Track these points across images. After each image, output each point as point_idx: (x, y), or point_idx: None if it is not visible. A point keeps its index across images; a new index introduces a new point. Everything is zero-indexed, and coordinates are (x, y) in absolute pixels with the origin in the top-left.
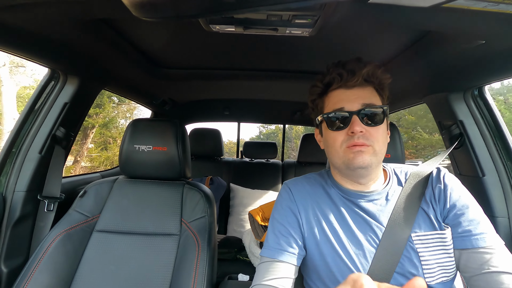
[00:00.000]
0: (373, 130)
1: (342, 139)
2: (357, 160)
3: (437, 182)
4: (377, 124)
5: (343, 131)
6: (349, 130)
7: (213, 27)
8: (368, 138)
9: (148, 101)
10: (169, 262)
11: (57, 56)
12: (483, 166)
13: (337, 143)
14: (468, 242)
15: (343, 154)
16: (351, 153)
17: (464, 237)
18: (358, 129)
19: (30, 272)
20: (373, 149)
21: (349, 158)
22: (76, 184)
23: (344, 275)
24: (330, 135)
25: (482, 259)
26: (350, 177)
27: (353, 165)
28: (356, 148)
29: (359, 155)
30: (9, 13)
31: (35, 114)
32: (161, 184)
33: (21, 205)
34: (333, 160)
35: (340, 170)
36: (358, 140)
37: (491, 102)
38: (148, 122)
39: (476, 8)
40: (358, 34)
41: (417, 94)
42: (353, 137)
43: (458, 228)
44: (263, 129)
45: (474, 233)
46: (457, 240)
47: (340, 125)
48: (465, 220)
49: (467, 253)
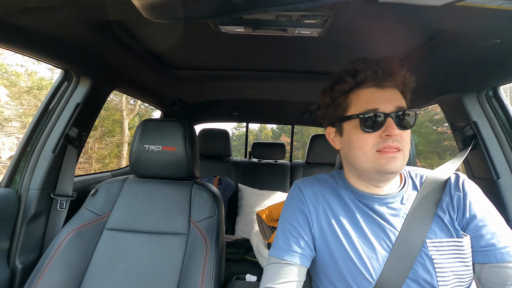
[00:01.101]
0: (404, 134)
1: (374, 141)
2: (390, 166)
3: (456, 189)
4: (407, 127)
5: (375, 134)
6: (383, 132)
7: (222, 28)
8: (401, 142)
9: (158, 101)
10: (178, 261)
11: (71, 58)
12: (498, 168)
13: (367, 146)
14: (493, 257)
15: (373, 158)
16: (383, 158)
17: (488, 251)
18: (395, 132)
19: (43, 268)
20: (403, 153)
21: (380, 163)
22: (88, 183)
23: (355, 278)
24: (358, 136)
25: (506, 274)
26: (372, 180)
27: (385, 170)
28: (390, 153)
29: (392, 161)
30: (23, 15)
31: (49, 114)
32: (170, 184)
33: (35, 203)
34: (357, 162)
35: (365, 173)
36: (392, 143)
37: (506, 102)
38: (157, 122)
39: (490, 6)
40: (368, 34)
41: (429, 94)
42: (387, 140)
43: (481, 241)
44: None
45: (498, 247)
46: (479, 254)
47: (374, 127)
48: (488, 232)
49: (490, 267)
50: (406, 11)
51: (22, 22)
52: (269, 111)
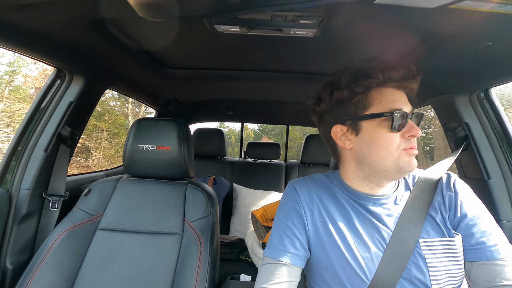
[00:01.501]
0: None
1: (400, 140)
2: (413, 164)
3: (448, 189)
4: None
5: (399, 133)
6: (407, 133)
7: (218, 27)
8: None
9: (153, 100)
10: (172, 261)
11: (64, 56)
12: (489, 169)
13: (393, 145)
14: (483, 255)
15: (398, 157)
16: (407, 156)
17: (478, 249)
18: (419, 133)
19: (34, 269)
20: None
21: (405, 161)
22: (81, 183)
23: (349, 278)
24: (384, 135)
25: (495, 271)
26: (384, 180)
27: (408, 169)
28: (413, 152)
29: (413, 159)
30: (16, 12)
31: (41, 112)
32: (164, 184)
33: (26, 203)
34: (380, 162)
35: (384, 172)
36: (414, 143)
37: (497, 104)
38: (152, 122)
39: (483, 9)
40: (363, 35)
41: (422, 95)
42: (410, 140)
43: (471, 239)
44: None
45: (488, 245)
46: (470, 252)
47: (400, 127)
48: (478, 231)
49: (479, 264)
50: (400, 13)
51: (14, 19)
52: (264, 111)
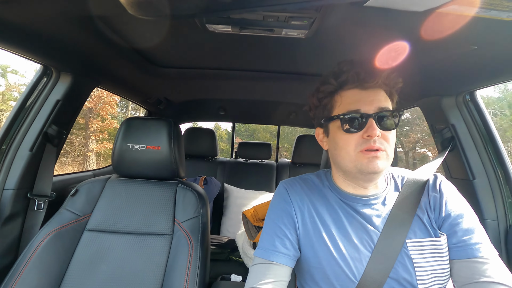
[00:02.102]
0: (387, 135)
1: (356, 142)
2: (372, 166)
3: (433, 190)
4: (391, 128)
5: (357, 134)
6: (365, 133)
7: (210, 26)
8: (383, 143)
9: (143, 99)
10: (161, 262)
11: (50, 52)
12: (474, 169)
13: (350, 146)
14: (463, 252)
15: (356, 158)
16: (365, 158)
17: (459, 247)
18: (375, 133)
19: (18, 271)
20: (387, 154)
21: (362, 163)
22: (68, 183)
23: (338, 278)
24: (342, 137)
25: (475, 269)
26: (357, 180)
27: (367, 170)
28: (372, 153)
29: (373, 160)
30: (2, 7)
31: (26, 111)
32: (154, 184)
33: (10, 204)
34: (342, 163)
35: (349, 173)
36: (373, 144)
37: (482, 106)
38: (142, 121)
39: (469, 14)
40: (353, 37)
41: (410, 97)
42: (369, 141)
43: (453, 238)
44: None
45: (469, 243)
46: (452, 251)
47: (355, 128)
48: (461, 230)
49: (461, 262)
50: (390, 15)
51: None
52: (255, 111)
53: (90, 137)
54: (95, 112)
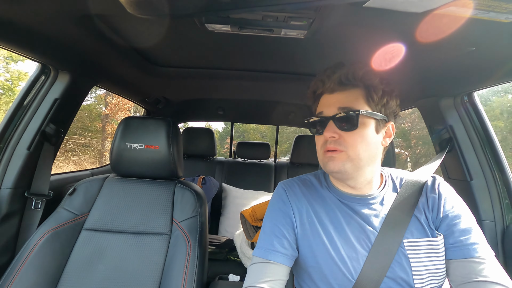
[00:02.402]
0: (347, 135)
1: (322, 143)
2: (330, 165)
3: (432, 192)
4: (351, 129)
5: (321, 136)
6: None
7: (209, 26)
8: (341, 144)
9: (141, 98)
10: (159, 261)
11: (48, 51)
12: (471, 170)
13: (318, 147)
14: (460, 252)
15: (322, 158)
16: (325, 158)
17: (456, 247)
18: (327, 135)
19: (15, 270)
20: (347, 154)
21: (324, 162)
22: (65, 182)
23: (336, 278)
24: (315, 138)
25: (471, 268)
26: (337, 180)
27: (328, 169)
28: (328, 154)
29: (331, 160)
30: (1, 6)
31: (24, 109)
32: (152, 183)
33: (7, 202)
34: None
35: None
36: (330, 145)
37: (480, 107)
38: (140, 120)
39: (467, 15)
40: (352, 38)
41: (409, 98)
42: (328, 141)
43: (450, 238)
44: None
45: (466, 243)
46: (449, 251)
47: (319, 130)
48: (457, 230)
49: (457, 262)
50: (388, 16)
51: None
52: (254, 111)
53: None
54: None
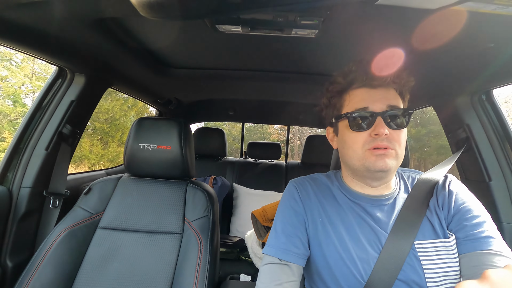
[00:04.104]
0: (396, 133)
1: (364, 140)
2: (379, 164)
3: (442, 190)
4: (401, 127)
5: (365, 132)
6: (372, 131)
7: (219, 27)
8: (391, 141)
9: (154, 100)
10: (171, 260)
11: (65, 55)
12: (490, 171)
13: (357, 145)
14: (471, 245)
15: (363, 156)
16: (373, 156)
17: (467, 240)
18: (383, 131)
19: (34, 267)
20: (396, 152)
21: (370, 161)
22: (81, 181)
23: (346, 279)
24: (349, 135)
25: (485, 259)
26: (365, 179)
27: (375, 168)
28: (380, 151)
29: (381, 158)
30: (18, 11)
31: (42, 111)
32: (164, 183)
33: (27, 201)
34: (350, 161)
35: (358, 172)
36: (381, 142)
37: (499, 106)
38: (153, 121)
39: (485, 10)
40: (364, 36)
41: (423, 96)
42: (376, 139)
43: (462, 232)
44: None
45: (478, 236)
46: (460, 245)
47: (363, 126)
48: (469, 224)
49: (470, 255)
50: (401, 13)
51: (16, 17)
52: (265, 111)
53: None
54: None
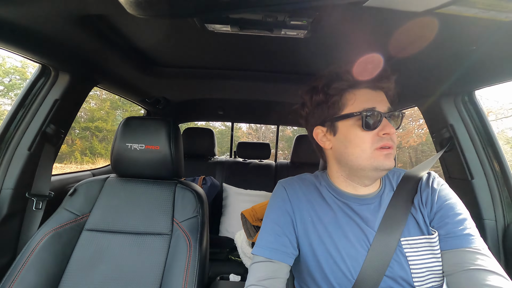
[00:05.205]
0: (394, 134)
1: (372, 139)
2: (387, 162)
3: (426, 187)
4: (398, 128)
5: (372, 132)
6: (381, 131)
7: (209, 26)
8: (394, 141)
9: (142, 99)
10: (160, 262)
11: (49, 52)
12: (472, 169)
13: (366, 144)
14: (453, 242)
15: (372, 155)
16: (381, 155)
17: (449, 237)
18: (393, 131)
19: (16, 271)
20: (395, 151)
21: (379, 160)
22: (66, 182)
23: (336, 277)
24: (358, 134)
25: (465, 257)
26: (365, 179)
27: (383, 167)
28: (388, 150)
29: (389, 157)
30: (1, 7)
31: (24, 110)
32: (153, 183)
33: (8, 203)
34: (356, 161)
35: (361, 172)
36: (388, 142)
37: (480, 107)
38: (140, 121)
39: (467, 14)
40: (352, 37)
41: (409, 97)
42: (384, 138)
43: (444, 230)
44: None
45: (459, 234)
46: (442, 242)
47: (372, 126)
48: (451, 222)
49: (451, 252)
50: (388, 16)
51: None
52: (255, 111)
53: None
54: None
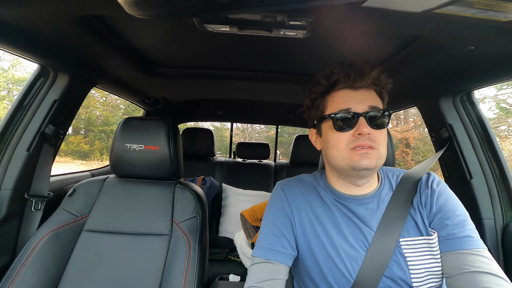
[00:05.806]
0: (377, 133)
1: (347, 140)
2: (364, 162)
3: (425, 188)
4: (381, 127)
5: (348, 132)
6: (356, 131)
7: (208, 26)
8: (374, 141)
9: (141, 99)
10: (160, 262)
11: (48, 52)
12: (471, 169)
13: (341, 144)
14: (452, 244)
15: (347, 155)
16: (356, 155)
17: (449, 239)
18: (366, 131)
19: (15, 272)
20: (379, 152)
21: (354, 160)
22: (65, 183)
23: (335, 277)
24: (333, 135)
25: (465, 260)
26: (350, 178)
27: (359, 166)
28: (363, 150)
29: (365, 156)
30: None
31: (23, 110)
32: (152, 184)
33: (7, 204)
34: (334, 161)
35: (343, 172)
36: (364, 142)
37: (479, 107)
38: (140, 121)
39: (465, 14)
40: (351, 38)
41: (408, 97)
42: (359, 138)
43: (443, 231)
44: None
45: (459, 236)
46: (442, 244)
47: (347, 126)
48: (450, 223)
49: (450, 254)
50: (387, 16)
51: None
52: (254, 111)
53: None
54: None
